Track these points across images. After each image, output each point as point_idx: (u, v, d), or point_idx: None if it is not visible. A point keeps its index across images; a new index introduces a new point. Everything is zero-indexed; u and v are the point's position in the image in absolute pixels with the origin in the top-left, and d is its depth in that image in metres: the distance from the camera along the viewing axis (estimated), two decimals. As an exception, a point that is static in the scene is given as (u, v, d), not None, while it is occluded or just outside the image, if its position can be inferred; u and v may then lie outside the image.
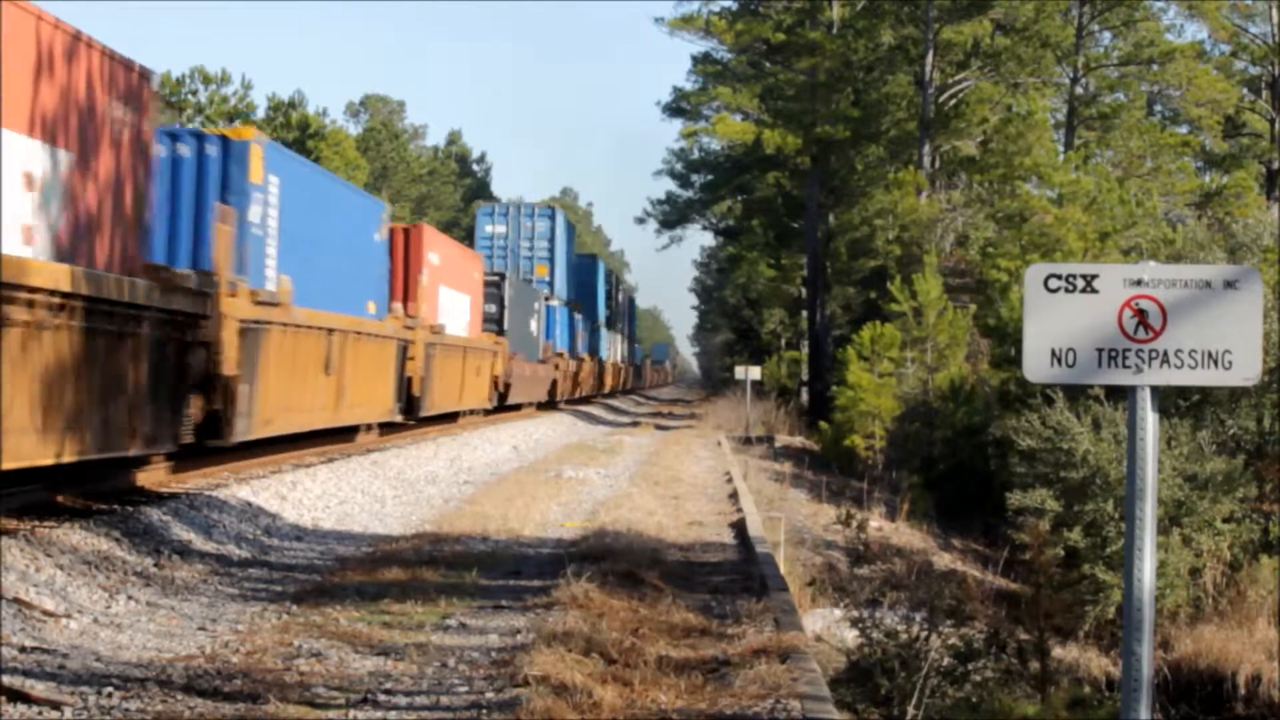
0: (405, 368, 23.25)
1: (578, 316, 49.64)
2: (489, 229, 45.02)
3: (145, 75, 12.66)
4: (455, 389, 27.79)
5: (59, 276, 10.56)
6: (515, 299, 35.43)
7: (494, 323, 33.14)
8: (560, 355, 43.49)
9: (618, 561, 10.83)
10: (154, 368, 12.76)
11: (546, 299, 42.65)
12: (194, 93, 50.62)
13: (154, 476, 14.64)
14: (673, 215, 62.54)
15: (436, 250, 26.59)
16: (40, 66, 10.51)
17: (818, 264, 47.24)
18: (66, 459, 10.99)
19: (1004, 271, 32.56)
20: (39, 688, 6.88)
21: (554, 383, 42.09)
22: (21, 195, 10.35)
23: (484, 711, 6.81)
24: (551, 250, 45.42)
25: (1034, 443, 18.86)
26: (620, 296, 70.95)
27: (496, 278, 34.37)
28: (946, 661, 10.95)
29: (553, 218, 45.82)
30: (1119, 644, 9.32)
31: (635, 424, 40.83)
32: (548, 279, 44.56)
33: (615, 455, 25.68)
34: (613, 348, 64.94)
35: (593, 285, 55.84)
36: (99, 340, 11.50)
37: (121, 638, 8.38)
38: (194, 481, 15.06)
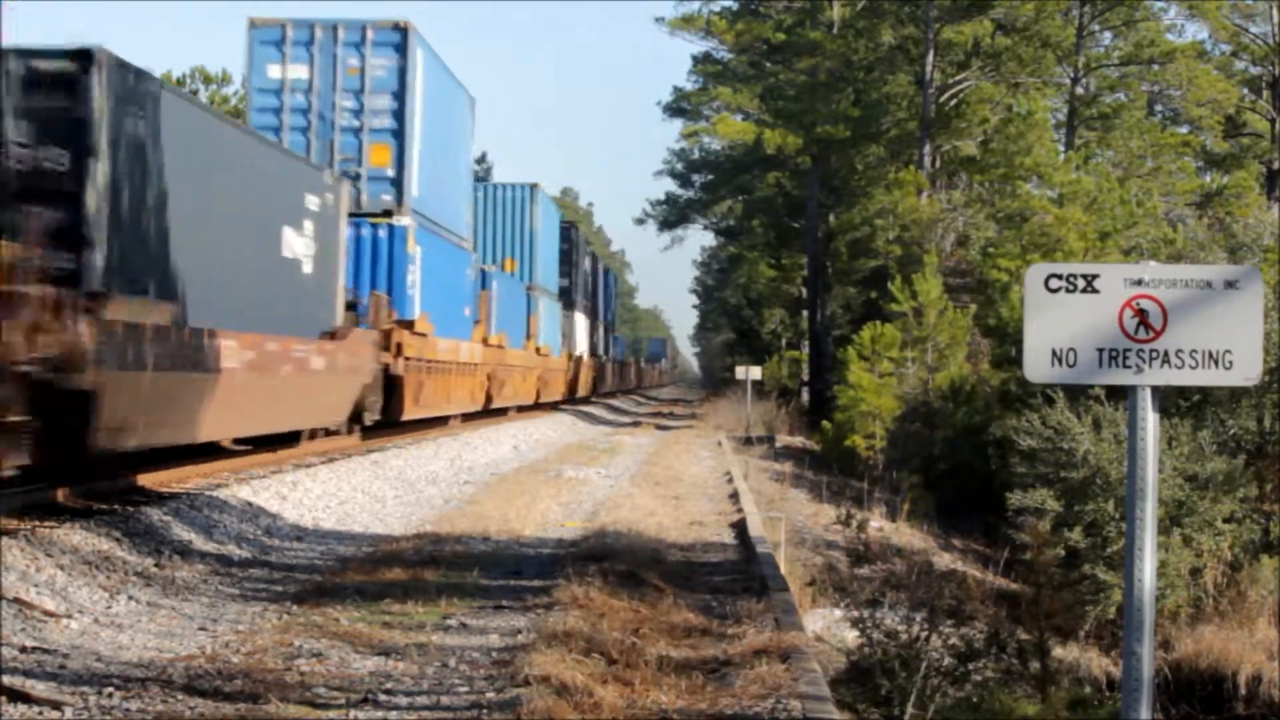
0: None
1: (492, 272, 32.60)
2: (273, 72, 23.35)
3: None
4: None
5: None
6: (134, 145, 13.07)
7: None
8: (413, 327, 23.31)
9: (618, 561, 10.83)
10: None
11: (387, 217, 23.05)
12: (195, 93, 50.66)
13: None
14: (673, 215, 62.53)
15: None
16: None
17: (818, 264, 47.26)
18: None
19: (1004, 271, 32.57)
20: (39, 688, 6.88)
21: (390, 381, 22.28)
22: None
23: (485, 711, 6.81)
24: (401, 118, 23.54)
25: (1034, 443, 18.86)
26: (588, 264, 54.17)
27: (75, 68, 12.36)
28: (947, 661, 10.94)
29: (402, 50, 23.78)
30: (1119, 644, 9.32)
31: (636, 424, 40.83)
32: (391, 173, 23.39)
33: (615, 455, 25.68)
34: (577, 335, 48.80)
35: (532, 232, 39.12)
36: None
37: (122, 638, 8.38)
38: (194, 481, 15.06)
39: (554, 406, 43.30)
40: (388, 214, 23.23)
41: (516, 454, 24.99)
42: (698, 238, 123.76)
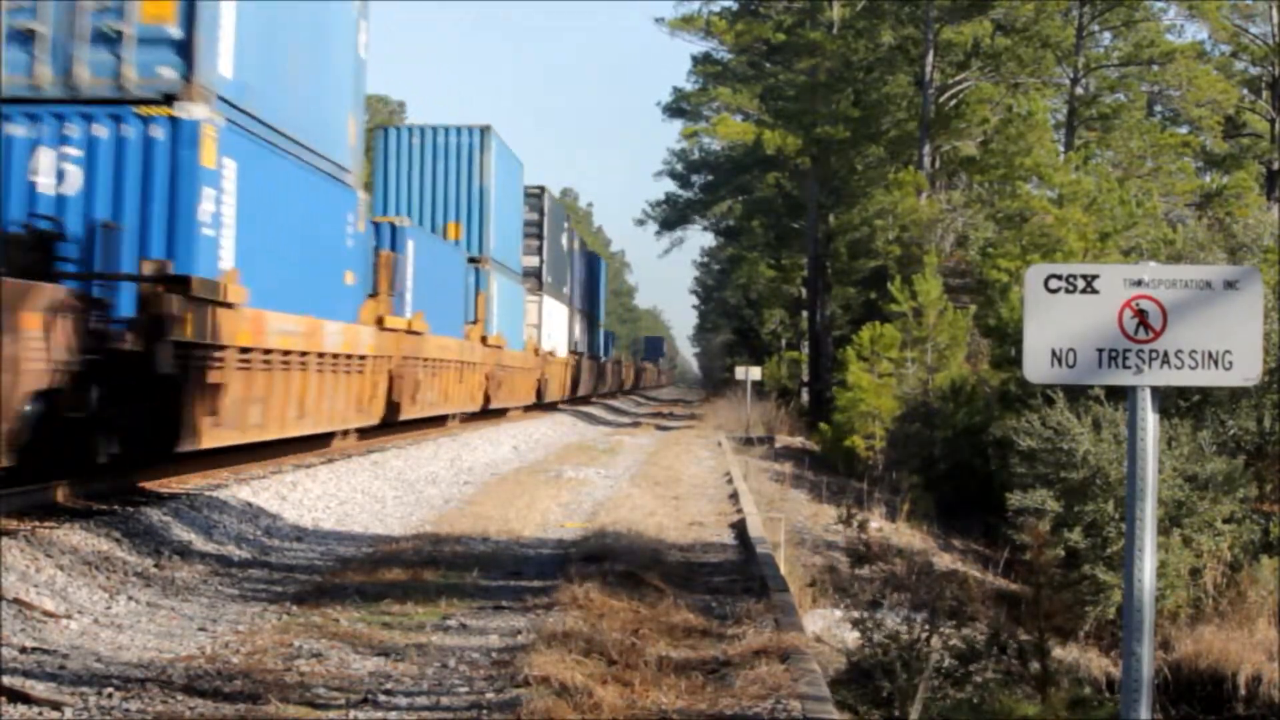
0: None
1: (406, 227, 24.00)
2: None
3: None
4: None
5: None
6: None
7: None
8: (192, 289, 13.00)
9: (618, 562, 10.83)
10: None
11: (168, 105, 13.30)
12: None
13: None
14: (673, 216, 62.57)
15: None
16: None
17: (818, 264, 47.27)
18: None
19: (1004, 272, 32.57)
20: (39, 688, 6.88)
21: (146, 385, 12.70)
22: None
23: (484, 712, 6.82)
24: None
25: (1034, 443, 18.86)
26: (566, 242, 45.60)
27: None
28: (948, 663, 10.95)
29: None
30: (1119, 644, 9.33)
31: (636, 424, 40.86)
32: (175, 32, 13.33)
33: (615, 455, 25.69)
34: (550, 326, 41.29)
35: (482, 190, 31.07)
36: None
37: (122, 638, 8.38)
38: (194, 481, 15.06)
39: (551, 408, 43.10)
40: (169, 100, 13.43)
41: (516, 454, 25.00)
42: (697, 238, 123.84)
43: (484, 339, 30.76)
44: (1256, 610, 17.28)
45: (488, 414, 32.48)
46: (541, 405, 40.49)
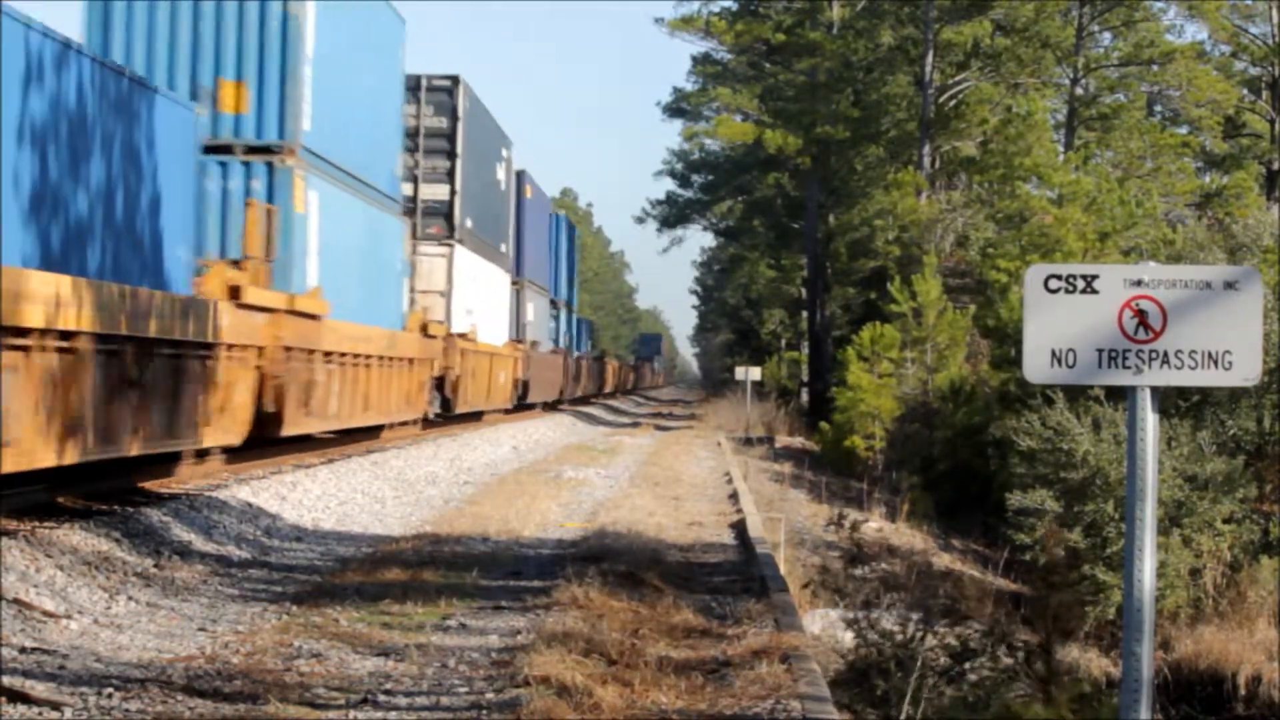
0: None
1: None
2: None
3: None
4: None
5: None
6: None
7: None
8: None
9: (618, 562, 10.83)
10: None
11: None
12: (194, 93, 50.69)
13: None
14: (673, 215, 62.50)
15: None
16: None
17: (818, 264, 47.25)
18: None
19: (1004, 272, 32.54)
20: (39, 688, 6.88)
21: None
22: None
23: (484, 712, 6.82)
24: None
25: (1034, 443, 18.86)
26: (505, 178, 32.94)
27: None
28: (943, 661, 10.93)
29: None
30: (1119, 644, 9.33)
31: (635, 425, 40.87)
32: None
33: (615, 455, 25.69)
34: (467, 294, 27.61)
35: (286, 33, 16.42)
36: None
37: (122, 638, 8.38)
38: (194, 482, 15.06)
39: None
40: None
41: (516, 454, 25.00)
42: (698, 238, 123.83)
43: (242, 299, 14.95)
44: (1256, 610, 17.28)
45: (278, 444, 17.76)
46: (450, 417, 27.49)
